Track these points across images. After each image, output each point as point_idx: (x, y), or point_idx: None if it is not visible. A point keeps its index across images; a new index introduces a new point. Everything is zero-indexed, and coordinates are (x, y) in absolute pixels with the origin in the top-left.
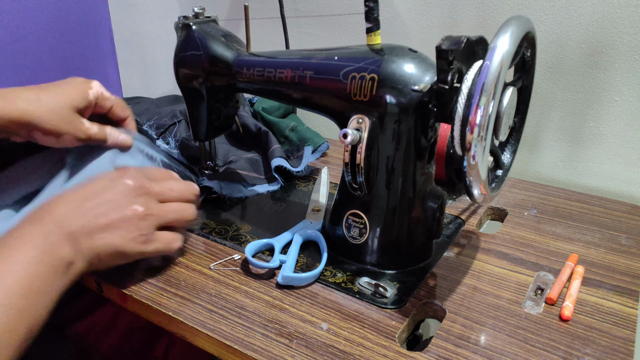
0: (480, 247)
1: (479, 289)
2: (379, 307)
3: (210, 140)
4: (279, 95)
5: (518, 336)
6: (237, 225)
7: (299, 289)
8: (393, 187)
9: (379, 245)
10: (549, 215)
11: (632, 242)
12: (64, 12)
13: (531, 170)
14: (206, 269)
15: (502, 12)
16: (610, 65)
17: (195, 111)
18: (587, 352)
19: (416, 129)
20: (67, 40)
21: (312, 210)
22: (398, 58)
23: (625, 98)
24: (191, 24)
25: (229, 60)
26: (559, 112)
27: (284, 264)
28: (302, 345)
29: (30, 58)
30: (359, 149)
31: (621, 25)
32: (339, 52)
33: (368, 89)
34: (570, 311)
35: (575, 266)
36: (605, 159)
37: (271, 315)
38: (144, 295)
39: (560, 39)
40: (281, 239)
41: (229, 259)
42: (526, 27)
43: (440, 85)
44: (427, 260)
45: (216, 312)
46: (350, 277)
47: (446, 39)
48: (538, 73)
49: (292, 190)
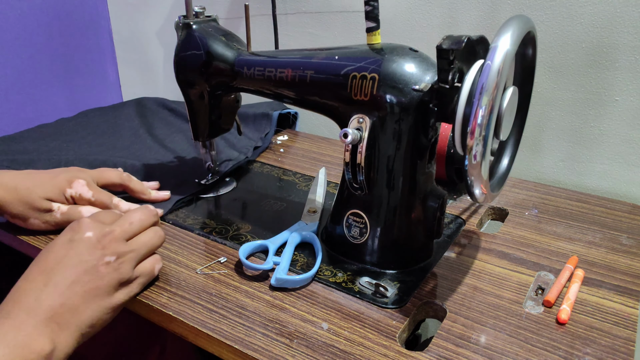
0: (481, 246)
1: (479, 289)
2: (379, 306)
3: (211, 140)
4: (280, 94)
5: (519, 336)
6: (237, 225)
7: (299, 289)
8: (394, 186)
9: (380, 244)
10: (549, 215)
11: (632, 242)
12: (64, 12)
13: (532, 170)
14: (207, 269)
15: (503, 12)
16: (611, 65)
17: (196, 111)
18: (588, 352)
19: (417, 128)
20: (67, 40)
21: (308, 211)
22: (399, 58)
23: (626, 98)
24: (191, 24)
25: (230, 60)
26: (560, 112)
27: (278, 266)
28: (303, 345)
29: (30, 58)
30: (360, 148)
31: (622, 24)
32: (340, 52)
33: (369, 88)
34: (567, 315)
35: (575, 269)
36: (606, 158)
37: (272, 315)
38: (144, 295)
39: (561, 38)
40: (276, 241)
41: (215, 262)
42: (527, 27)
43: (441, 84)
44: (427, 260)
45: (216, 311)
46: (350, 276)
47: (447, 38)
48: (539, 73)
49: (293, 189)
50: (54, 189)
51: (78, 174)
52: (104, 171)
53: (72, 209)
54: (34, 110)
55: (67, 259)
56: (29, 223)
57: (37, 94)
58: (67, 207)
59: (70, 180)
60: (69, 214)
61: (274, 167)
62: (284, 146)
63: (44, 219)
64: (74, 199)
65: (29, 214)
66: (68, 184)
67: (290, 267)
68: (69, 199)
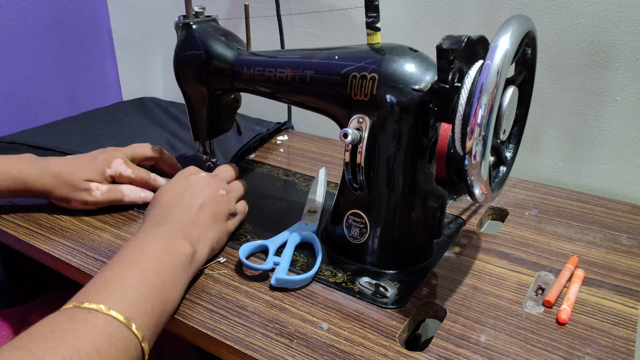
0: (481, 247)
1: (479, 289)
2: (379, 307)
3: (211, 140)
4: (279, 95)
5: (519, 336)
6: None
7: (299, 289)
8: (394, 186)
9: (380, 245)
10: (549, 215)
11: (632, 242)
12: (64, 12)
13: (532, 170)
14: (207, 268)
15: (503, 12)
16: (611, 64)
17: (196, 111)
18: (588, 352)
19: (417, 128)
20: (67, 40)
21: (308, 211)
22: (399, 57)
23: (626, 98)
24: (191, 24)
25: (230, 60)
26: (560, 112)
27: (278, 266)
28: (303, 345)
29: (29, 58)
30: (360, 148)
31: (622, 24)
32: (340, 52)
33: (369, 88)
34: (568, 315)
35: (575, 269)
36: (606, 158)
37: (271, 315)
38: None
39: (561, 38)
40: (276, 241)
41: (215, 262)
42: (527, 27)
43: (441, 84)
44: (427, 260)
45: (216, 312)
46: (350, 277)
47: (447, 38)
48: (539, 73)
49: (293, 189)
50: (93, 170)
51: (115, 153)
52: (137, 147)
53: (112, 187)
54: (34, 110)
55: (192, 188)
56: (72, 204)
57: (37, 93)
58: (107, 186)
59: (108, 160)
60: (110, 194)
61: (274, 167)
62: (284, 146)
63: (84, 199)
64: (114, 177)
65: (71, 196)
66: (107, 164)
67: (290, 267)
68: (108, 178)
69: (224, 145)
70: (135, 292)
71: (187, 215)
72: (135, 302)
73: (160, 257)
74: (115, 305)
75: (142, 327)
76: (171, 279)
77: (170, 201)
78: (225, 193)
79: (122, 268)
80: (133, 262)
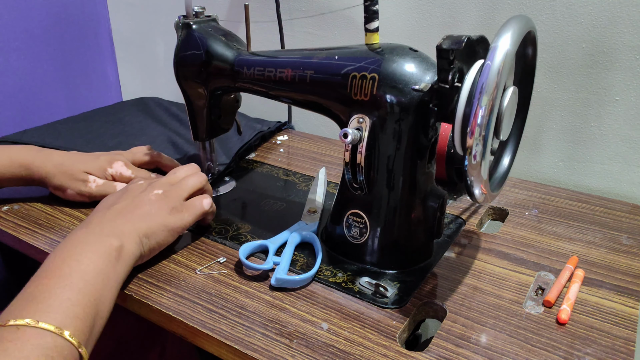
0: (481, 247)
1: (479, 289)
2: (379, 307)
3: (210, 140)
4: (279, 94)
5: (519, 336)
6: (237, 225)
7: (299, 289)
8: (394, 186)
9: (380, 245)
10: (549, 215)
11: (633, 242)
12: (64, 12)
13: (532, 170)
14: (206, 269)
15: (503, 12)
16: (611, 65)
17: (195, 111)
18: (588, 352)
19: (417, 128)
20: (67, 40)
21: (308, 211)
22: (399, 57)
23: (626, 98)
24: (191, 24)
25: (230, 60)
26: (560, 112)
27: (278, 266)
28: (303, 345)
29: (29, 58)
30: (360, 148)
31: (622, 24)
32: (340, 52)
33: (369, 88)
34: (568, 315)
35: (575, 269)
36: (606, 158)
37: (271, 315)
38: (144, 295)
39: (561, 38)
40: (276, 241)
41: (214, 262)
42: (527, 27)
43: (441, 84)
44: (427, 260)
45: (216, 311)
46: (350, 277)
47: (447, 38)
48: (539, 73)
49: (293, 189)
50: (95, 165)
51: (117, 156)
52: (137, 152)
53: (107, 183)
54: (34, 110)
55: (125, 195)
56: (67, 194)
57: (37, 93)
58: (103, 181)
59: (110, 161)
60: (104, 187)
61: (274, 167)
62: (284, 146)
63: (79, 190)
64: (114, 177)
65: (68, 184)
66: (109, 164)
67: (290, 267)
68: (108, 177)
69: (225, 144)
70: (62, 300)
71: (107, 216)
72: (64, 309)
73: (81, 260)
74: (43, 317)
75: (76, 333)
76: (98, 278)
77: (97, 208)
78: (162, 192)
79: (44, 281)
80: (54, 272)
